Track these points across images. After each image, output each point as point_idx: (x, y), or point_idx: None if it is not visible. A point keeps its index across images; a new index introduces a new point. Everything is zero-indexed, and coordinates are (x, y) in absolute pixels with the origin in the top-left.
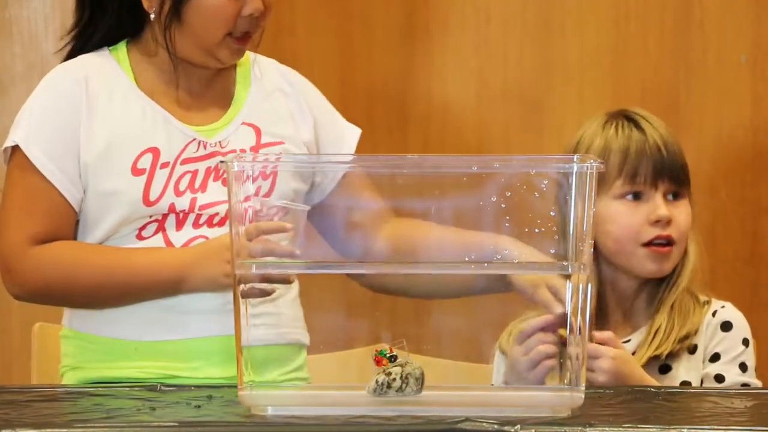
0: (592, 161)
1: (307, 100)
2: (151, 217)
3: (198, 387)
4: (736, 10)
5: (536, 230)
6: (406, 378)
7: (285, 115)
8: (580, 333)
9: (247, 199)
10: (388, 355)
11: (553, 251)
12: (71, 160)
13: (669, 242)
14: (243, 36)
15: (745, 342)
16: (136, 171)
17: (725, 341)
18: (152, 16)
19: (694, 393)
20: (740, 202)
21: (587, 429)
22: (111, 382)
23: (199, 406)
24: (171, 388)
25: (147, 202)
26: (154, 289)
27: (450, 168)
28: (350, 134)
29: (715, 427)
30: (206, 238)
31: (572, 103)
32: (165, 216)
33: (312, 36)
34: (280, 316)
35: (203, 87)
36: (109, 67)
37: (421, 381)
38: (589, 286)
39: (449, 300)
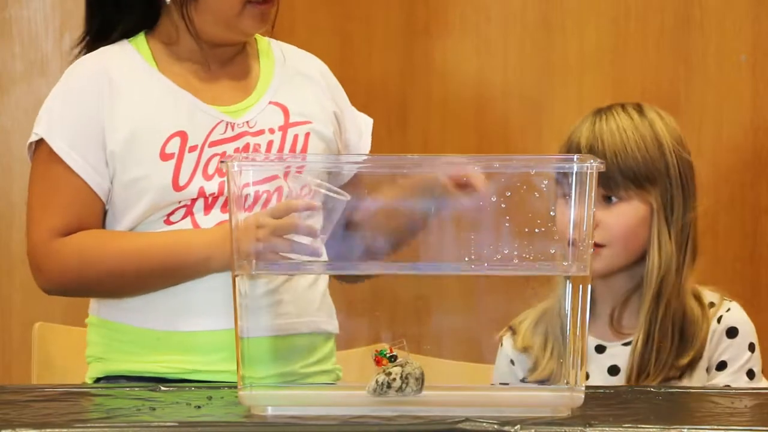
0: (592, 161)
1: (329, 86)
2: (180, 202)
3: (198, 387)
4: (736, 10)
5: (536, 230)
6: (406, 378)
7: (310, 97)
8: (579, 333)
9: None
10: (388, 355)
11: (553, 251)
12: (96, 150)
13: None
14: (262, 2)
15: (751, 347)
16: (164, 156)
17: (731, 349)
18: (168, 1)
19: (694, 393)
20: (740, 202)
21: (587, 429)
22: (134, 377)
23: (199, 406)
24: (171, 388)
25: (176, 187)
26: (183, 270)
27: (450, 168)
28: (365, 125)
29: (715, 427)
30: None
31: (572, 103)
32: (194, 201)
33: (312, 36)
34: (297, 303)
35: (226, 69)
36: (130, 56)
37: (421, 381)
38: (589, 286)
39: (449, 300)
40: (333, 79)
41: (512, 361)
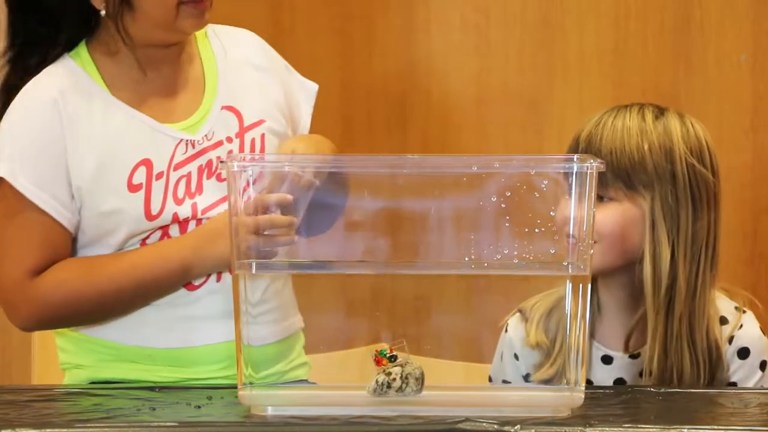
0: (592, 161)
1: (271, 63)
2: (154, 228)
3: (198, 387)
4: (736, 10)
5: (536, 230)
6: (406, 378)
7: (256, 87)
8: (579, 333)
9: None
10: (388, 355)
11: (553, 251)
12: (62, 186)
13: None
14: (198, 1)
15: (763, 365)
16: (132, 188)
17: (741, 370)
18: (103, 12)
19: (694, 393)
20: (740, 202)
21: (587, 429)
22: (116, 381)
23: (199, 406)
24: (171, 388)
25: (149, 216)
26: (164, 284)
27: (450, 168)
28: (306, 94)
29: (715, 427)
30: None
31: (572, 103)
32: (168, 225)
33: (312, 36)
34: (283, 308)
35: (173, 75)
36: (78, 79)
37: (421, 381)
38: (589, 286)
39: (449, 300)
40: (271, 52)
41: (516, 356)
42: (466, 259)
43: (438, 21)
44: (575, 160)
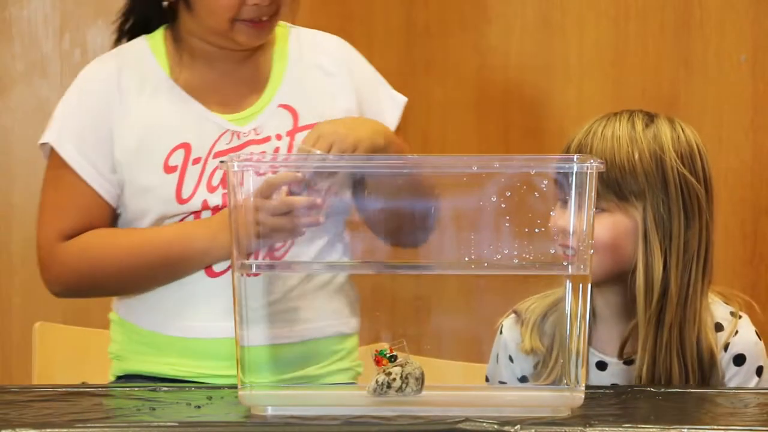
0: (592, 161)
1: (350, 72)
2: (185, 213)
3: (198, 387)
4: (736, 10)
5: (536, 230)
6: (406, 378)
7: (324, 93)
8: (579, 333)
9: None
10: (388, 355)
11: (553, 251)
12: (104, 156)
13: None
14: (256, 21)
15: (759, 371)
16: (167, 168)
17: (738, 376)
18: (165, 2)
19: (694, 393)
20: (740, 202)
21: (587, 429)
22: (150, 377)
23: (199, 406)
24: (171, 388)
25: (179, 199)
26: (186, 261)
27: (450, 168)
28: (392, 105)
29: (715, 427)
30: None
31: (572, 103)
32: (199, 212)
33: None
34: (298, 311)
35: (238, 69)
36: (143, 58)
37: (421, 381)
38: (589, 286)
39: (449, 300)
40: (354, 62)
41: (511, 358)
42: (466, 259)
43: (438, 21)
44: (575, 160)
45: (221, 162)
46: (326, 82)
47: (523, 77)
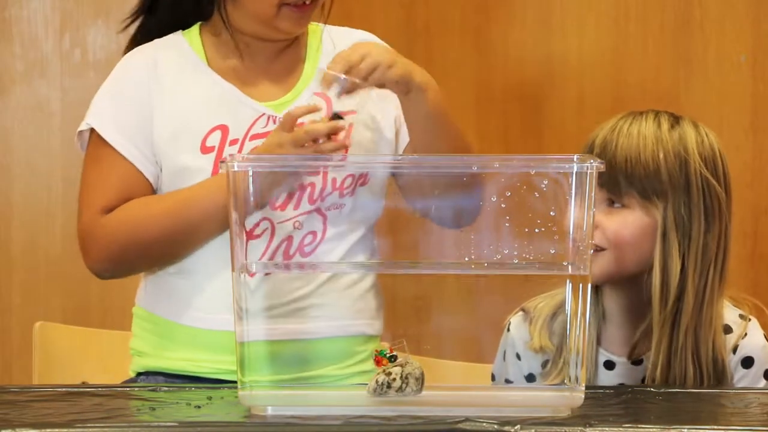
0: (592, 161)
1: None
2: None
3: (198, 387)
4: (736, 10)
5: (536, 230)
6: (406, 378)
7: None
8: (579, 333)
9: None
10: (388, 355)
11: (553, 251)
12: (144, 138)
13: (593, 248)
14: (302, 4)
15: (767, 374)
16: (204, 149)
17: (745, 379)
18: None
19: (694, 393)
20: (740, 202)
21: (587, 429)
22: (170, 374)
23: (199, 406)
24: (171, 388)
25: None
26: (219, 213)
27: (450, 168)
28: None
29: (715, 427)
30: (269, 220)
31: (572, 103)
32: None
33: None
34: (305, 310)
35: (272, 62)
36: (181, 48)
37: (421, 381)
38: (590, 286)
39: (449, 300)
40: None
41: (518, 356)
42: (466, 259)
43: (438, 21)
44: (575, 160)
45: (221, 162)
46: None
47: (523, 77)
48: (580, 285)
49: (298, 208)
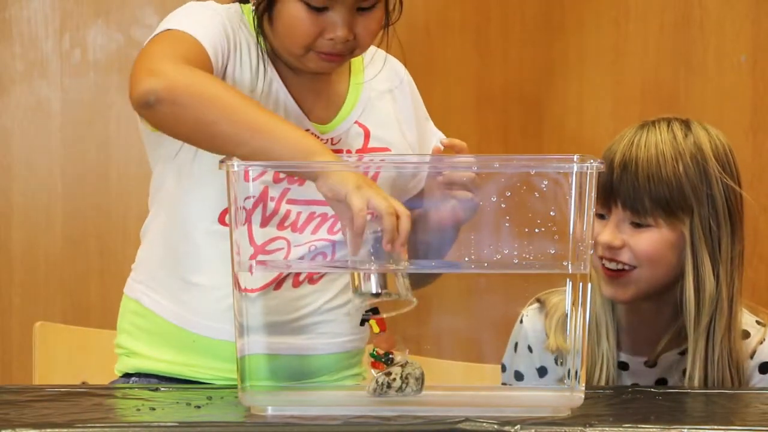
0: (592, 161)
1: (414, 103)
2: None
3: (198, 387)
4: (736, 10)
5: (536, 230)
6: (406, 378)
7: (392, 119)
8: (579, 333)
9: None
10: (383, 359)
11: (552, 251)
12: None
13: (622, 267)
14: (330, 53)
15: None
16: None
17: (761, 384)
18: (252, 7)
19: (693, 393)
20: None
21: (587, 429)
22: (165, 377)
23: (199, 406)
24: (171, 388)
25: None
26: (289, 143)
27: (450, 168)
28: (435, 142)
29: (715, 427)
30: (285, 239)
31: (572, 103)
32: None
33: None
34: (307, 327)
35: (315, 82)
36: (247, 30)
37: (421, 381)
38: (589, 286)
39: (449, 300)
40: (416, 93)
41: (530, 348)
42: (466, 259)
43: (438, 21)
44: (575, 160)
45: (221, 162)
46: (395, 109)
47: (523, 77)
48: (580, 284)
49: (315, 234)
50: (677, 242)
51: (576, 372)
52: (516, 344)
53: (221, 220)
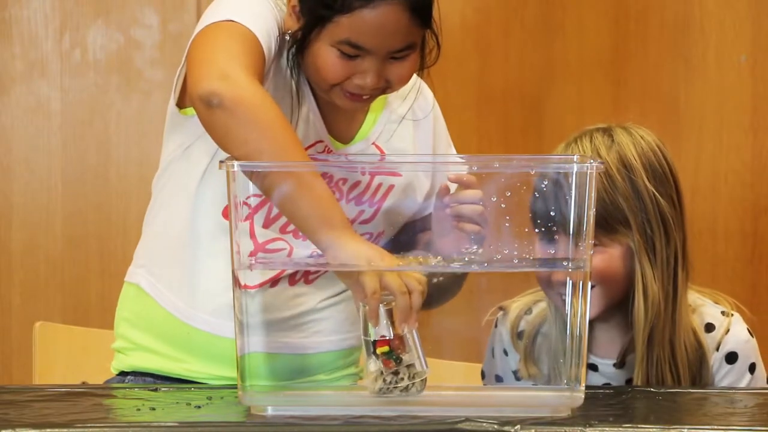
0: (592, 161)
1: (434, 129)
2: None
3: (198, 387)
4: (736, 10)
5: (536, 230)
6: (413, 377)
7: (410, 144)
8: (579, 333)
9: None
10: (394, 357)
11: (552, 251)
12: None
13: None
14: (355, 95)
15: (752, 368)
16: None
17: (730, 374)
18: (287, 37)
19: (694, 393)
20: (740, 202)
21: (587, 429)
22: (161, 376)
23: (199, 406)
24: (171, 388)
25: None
26: (314, 203)
27: (450, 168)
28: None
29: (715, 427)
30: (285, 242)
31: (572, 103)
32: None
33: None
34: (306, 325)
35: (337, 109)
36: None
37: (424, 382)
38: (589, 285)
39: (449, 300)
40: (440, 118)
41: (505, 351)
42: (466, 258)
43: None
44: (575, 160)
45: (221, 162)
46: (414, 138)
47: (523, 77)
48: (581, 283)
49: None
50: (625, 254)
51: (576, 372)
52: (493, 350)
53: (224, 215)
